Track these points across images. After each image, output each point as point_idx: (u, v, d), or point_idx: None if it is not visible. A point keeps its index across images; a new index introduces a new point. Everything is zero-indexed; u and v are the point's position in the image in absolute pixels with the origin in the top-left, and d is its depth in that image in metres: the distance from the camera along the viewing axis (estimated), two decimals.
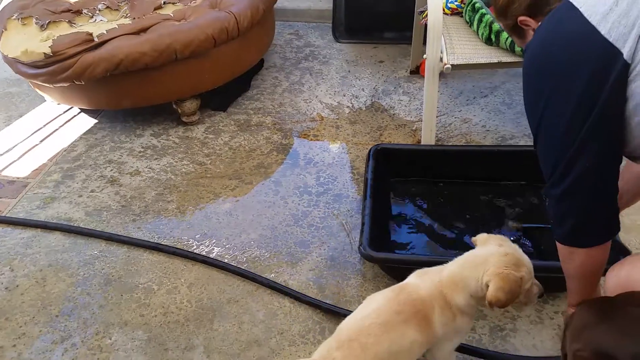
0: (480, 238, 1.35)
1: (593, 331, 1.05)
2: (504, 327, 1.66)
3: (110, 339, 1.72)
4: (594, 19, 1.04)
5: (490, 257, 1.26)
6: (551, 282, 1.70)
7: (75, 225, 2.17)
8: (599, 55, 1.03)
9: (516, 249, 1.29)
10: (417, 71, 2.95)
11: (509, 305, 1.24)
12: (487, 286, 1.22)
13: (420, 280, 1.34)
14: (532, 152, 2.02)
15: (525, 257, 1.28)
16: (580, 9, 1.07)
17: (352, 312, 1.64)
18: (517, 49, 1.86)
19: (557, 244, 1.25)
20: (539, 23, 1.26)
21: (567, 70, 1.08)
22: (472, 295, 1.27)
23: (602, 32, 1.02)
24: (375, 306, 1.30)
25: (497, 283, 1.21)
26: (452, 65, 1.89)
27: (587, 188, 1.13)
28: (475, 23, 2.01)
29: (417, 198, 2.09)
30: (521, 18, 1.35)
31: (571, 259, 1.25)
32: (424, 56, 1.93)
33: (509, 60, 1.89)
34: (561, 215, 1.19)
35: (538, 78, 1.15)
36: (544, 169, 1.20)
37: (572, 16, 1.08)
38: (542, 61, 1.13)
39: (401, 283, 1.36)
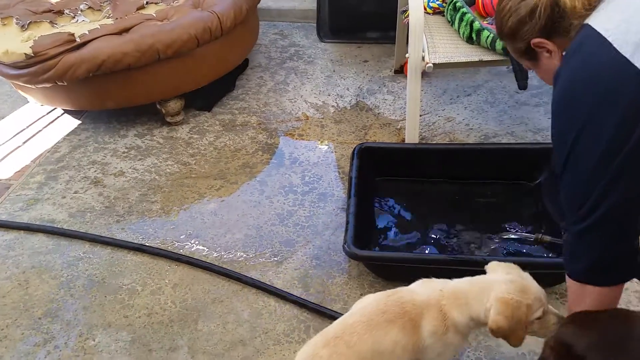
0: (491, 266, 1.34)
1: (562, 327, 1.13)
2: None
3: (94, 341, 1.72)
4: (626, 50, 1.00)
5: (496, 284, 1.25)
6: (535, 277, 1.73)
7: (58, 226, 2.15)
8: (633, 91, 0.99)
9: (525, 277, 1.27)
10: (401, 70, 2.97)
11: (517, 335, 1.21)
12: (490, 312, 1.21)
13: (420, 287, 1.33)
14: (514, 149, 2.07)
15: (535, 285, 1.25)
16: (609, 39, 1.03)
17: (335, 311, 1.65)
18: (498, 47, 1.88)
19: (569, 280, 1.21)
20: (558, 45, 1.21)
21: (600, 106, 1.03)
22: (472, 318, 1.25)
23: (637, 65, 0.98)
24: (362, 305, 1.30)
25: (498, 308, 1.19)
26: (434, 64, 1.90)
27: (612, 226, 1.09)
28: (456, 22, 2.02)
29: (401, 196, 2.10)
30: (535, 40, 1.23)
31: (582, 296, 1.19)
32: (406, 55, 1.95)
33: (489, 59, 1.91)
34: (580, 251, 1.15)
35: (569, 112, 1.10)
36: (567, 203, 1.15)
37: (603, 49, 1.03)
38: (573, 96, 1.08)
39: (400, 287, 1.35)
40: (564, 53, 1.16)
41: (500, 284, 1.24)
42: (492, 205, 2.02)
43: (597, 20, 1.09)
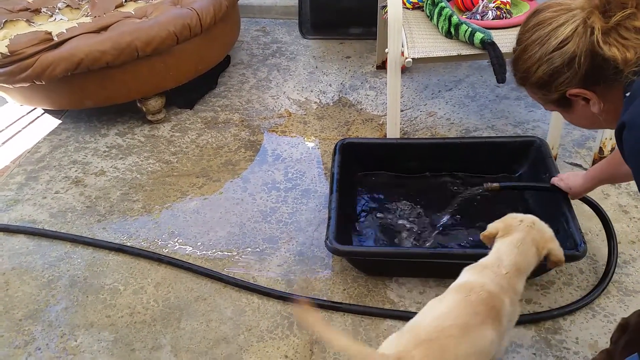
0: (497, 227, 1.38)
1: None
2: None
3: (76, 341, 1.70)
4: None
5: (535, 233, 1.33)
6: None
7: (39, 227, 2.13)
8: None
9: (533, 217, 1.38)
10: (383, 66, 2.97)
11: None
12: (546, 255, 1.32)
13: (482, 277, 1.31)
14: (495, 143, 2.09)
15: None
16: None
17: (321, 299, 1.65)
18: (476, 41, 1.88)
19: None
20: (599, 93, 1.11)
21: None
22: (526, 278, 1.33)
23: None
24: (448, 308, 1.26)
25: (556, 244, 1.33)
26: (413, 58, 1.91)
27: None
28: (435, 17, 2.03)
29: (383, 191, 2.11)
30: (573, 91, 1.13)
31: None
32: (386, 50, 1.95)
33: (468, 53, 1.92)
34: None
35: None
36: None
37: None
38: None
39: (461, 282, 1.33)
40: (627, 94, 1.06)
41: (537, 227, 1.35)
42: (473, 198, 2.03)
43: None
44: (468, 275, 1.34)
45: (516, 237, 1.33)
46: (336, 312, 1.73)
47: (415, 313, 1.57)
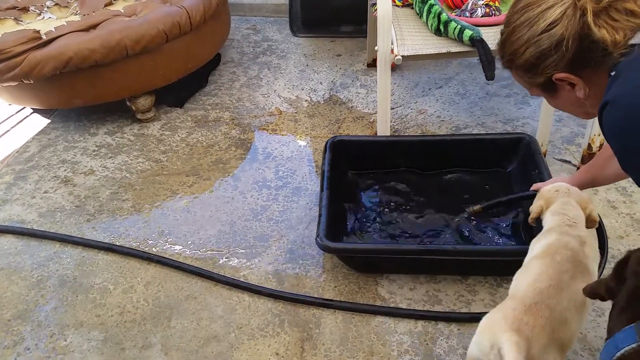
0: (539, 204, 1.45)
1: None
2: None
3: (66, 341, 1.69)
4: None
5: (575, 195, 1.43)
6: (505, 265, 1.76)
7: (28, 227, 2.12)
8: None
9: (561, 183, 1.49)
10: (374, 64, 2.97)
11: None
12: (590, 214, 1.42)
13: (559, 237, 1.35)
14: (485, 140, 2.09)
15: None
16: None
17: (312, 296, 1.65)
18: (465, 38, 1.89)
19: None
20: (584, 78, 1.12)
21: None
22: None
23: None
24: (538, 273, 1.30)
25: (593, 205, 1.44)
26: (402, 56, 1.91)
27: None
28: (424, 14, 2.03)
29: (374, 188, 2.11)
30: (559, 75, 1.13)
31: None
32: (376, 48, 1.95)
33: (457, 50, 1.92)
34: None
35: None
36: None
37: None
38: None
39: (540, 249, 1.36)
40: (613, 73, 1.06)
41: (573, 194, 1.44)
42: (464, 194, 2.04)
43: None
44: (543, 242, 1.37)
45: (562, 201, 1.41)
46: (327, 309, 1.73)
47: (405, 309, 1.58)
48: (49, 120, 2.76)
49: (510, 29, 1.17)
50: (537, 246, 1.38)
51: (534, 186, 1.68)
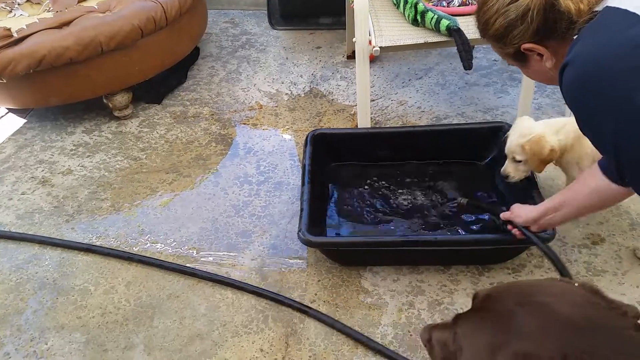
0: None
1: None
2: (441, 301, 1.71)
3: (47, 344, 1.67)
4: None
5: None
6: (486, 254, 1.77)
7: (5, 229, 2.08)
8: None
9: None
10: (353, 56, 2.92)
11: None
12: None
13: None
14: (465, 130, 2.10)
15: None
16: (636, 12, 0.97)
17: (292, 299, 1.65)
18: (442, 28, 1.89)
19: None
20: (551, 48, 1.14)
21: None
22: None
23: None
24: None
25: None
26: (380, 47, 1.90)
27: None
28: (401, 4, 2.03)
29: (355, 181, 2.10)
30: (526, 46, 1.16)
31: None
32: (354, 39, 1.94)
33: (434, 40, 1.92)
34: None
35: (602, 93, 1.01)
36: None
37: (631, 21, 0.97)
38: (608, 74, 0.99)
39: None
40: (575, 37, 1.08)
41: None
42: (446, 185, 2.05)
43: (617, 2, 1.03)
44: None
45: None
46: (311, 304, 1.72)
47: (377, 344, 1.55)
48: (25, 120, 2.71)
49: (486, 3, 1.21)
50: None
51: (503, 215, 1.59)
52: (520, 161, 1.74)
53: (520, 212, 1.51)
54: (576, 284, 0.80)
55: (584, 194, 1.29)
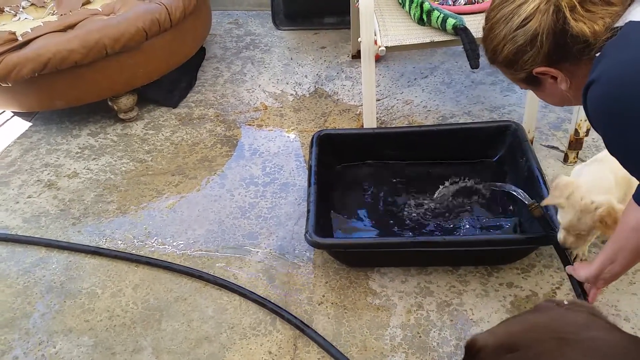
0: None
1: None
2: (450, 302, 1.69)
3: (55, 348, 1.67)
4: None
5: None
6: (495, 254, 1.76)
7: (12, 233, 2.08)
8: None
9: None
10: (358, 56, 2.93)
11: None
12: None
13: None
14: (472, 129, 2.08)
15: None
16: None
17: (294, 315, 1.65)
18: (449, 27, 1.87)
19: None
20: (565, 70, 1.11)
21: None
22: None
23: None
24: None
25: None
26: (386, 47, 1.89)
27: None
28: (407, 4, 2.01)
29: (362, 182, 2.09)
30: (538, 70, 1.12)
31: None
32: (359, 39, 1.93)
33: (441, 39, 1.90)
34: None
35: (632, 116, 0.96)
36: None
37: None
38: (636, 95, 0.95)
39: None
40: (597, 55, 1.04)
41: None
42: (453, 184, 2.03)
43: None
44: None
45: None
46: (319, 306, 1.72)
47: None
48: (30, 124, 2.71)
49: (489, 25, 1.17)
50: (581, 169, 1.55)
51: (568, 269, 1.47)
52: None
53: (580, 272, 1.39)
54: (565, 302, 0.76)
55: (631, 236, 1.16)
